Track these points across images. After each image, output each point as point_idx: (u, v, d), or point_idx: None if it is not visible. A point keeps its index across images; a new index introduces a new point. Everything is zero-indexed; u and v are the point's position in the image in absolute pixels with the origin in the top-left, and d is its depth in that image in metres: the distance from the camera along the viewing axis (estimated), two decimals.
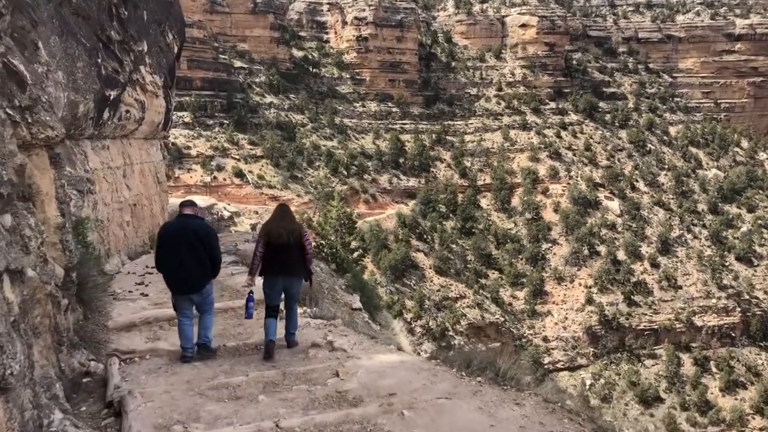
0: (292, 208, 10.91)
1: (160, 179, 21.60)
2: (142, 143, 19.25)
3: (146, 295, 11.60)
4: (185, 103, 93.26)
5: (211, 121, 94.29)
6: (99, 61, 12.18)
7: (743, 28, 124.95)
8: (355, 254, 23.03)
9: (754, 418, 76.62)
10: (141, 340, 9.48)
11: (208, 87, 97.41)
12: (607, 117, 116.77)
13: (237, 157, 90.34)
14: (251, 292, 9.23)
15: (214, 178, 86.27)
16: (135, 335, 9.68)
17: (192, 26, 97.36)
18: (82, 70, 10.82)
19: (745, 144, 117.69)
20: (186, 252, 8.72)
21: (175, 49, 21.14)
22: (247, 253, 16.14)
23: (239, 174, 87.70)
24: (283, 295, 9.32)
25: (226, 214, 77.29)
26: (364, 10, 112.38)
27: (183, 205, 9.22)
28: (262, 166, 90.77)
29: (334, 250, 18.92)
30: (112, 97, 13.65)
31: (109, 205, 15.30)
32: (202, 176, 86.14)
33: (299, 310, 9.95)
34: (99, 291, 9.81)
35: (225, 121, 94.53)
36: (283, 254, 9.02)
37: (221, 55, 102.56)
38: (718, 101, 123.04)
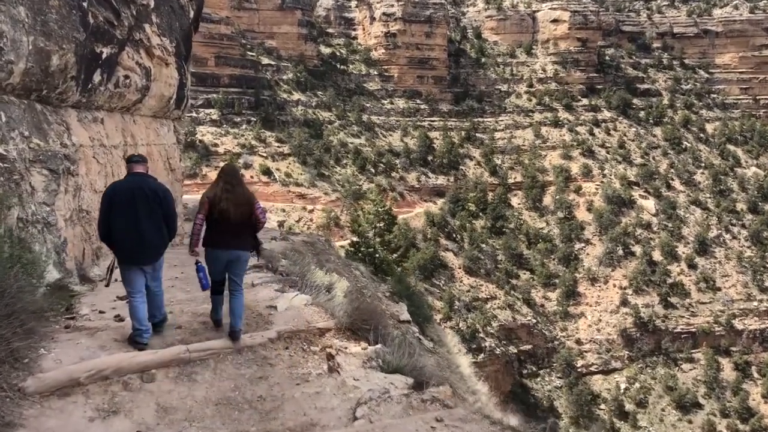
0: (319, 207, 9.33)
1: (172, 166, 18.83)
2: (150, 122, 16.69)
3: (122, 320, 7.83)
4: (213, 100, 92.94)
5: (239, 119, 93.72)
6: (84, 4, 10.07)
7: None
8: (397, 254, 21.16)
9: None
10: (83, 418, 5.54)
11: (236, 84, 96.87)
12: (642, 114, 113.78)
13: (264, 154, 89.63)
14: (197, 261, 7.87)
15: (242, 176, 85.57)
16: (74, 406, 5.70)
17: (219, 23, 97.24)
18: (56, 11, 8.97)
19: None
20: (143, 215, 7.39)
21: (191, 13, 18.43)
22: (273, 255, 14.70)
23: (266, 172, 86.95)
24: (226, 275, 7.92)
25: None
26: (392, 5, 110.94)
27: (133, 161, 7.75)
28: (290, 163, 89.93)
29: (372, 249, 17.25)
30: (104, 56, 11.36)
31: (101, 193, 13.07)
32: None
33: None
34: (35, 318, 6.57)
35: (252, 119, 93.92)
36: (229, 224, 7.70)
37: (249, 52, 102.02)
38: (757, 97, 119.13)
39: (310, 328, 7.59)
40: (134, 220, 7.37)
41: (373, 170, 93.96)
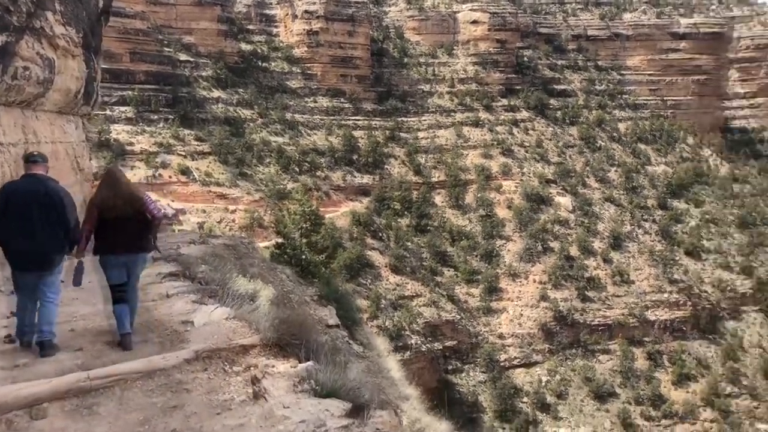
0: (242, 207, 8.85)
1: (81, 165, 17.62)
2: (56, 118, 15.52)
3: (12, 341, 6.95)
4: (128, 97, 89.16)
5: (155, 117, 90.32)
6: None
7: (687, 27, 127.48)
8: (324, 255, 20.54)
9: (705, 410, 77.84)
10: None
11: (152, 81, 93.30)
12: (558, 114, 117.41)
13: (183, 153, 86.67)
14: (80, 261, 7.47)
15: (159, 175, 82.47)
16: None
17: (134, 17, 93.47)
18: None
19: (690, 140, 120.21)
20: (39, 220, 6.87)
21: (100, 3, 17.24)
22: (191, 260, 13.80)
23: (185, 171, 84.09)
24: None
25: (171, 212, 73.82)
26: (314, 3, 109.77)
27: (31, 161, 7.19)
28: (210, 162, 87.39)
29: (298, 251, 16.63)
30: None
31: None
32: (145, 173, 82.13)
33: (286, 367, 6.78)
34: None
35: (170, 117, 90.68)
36: (122, 229, 7.39)
37: (166, 48, 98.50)
38: (665, 98, 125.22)
39: (232, 346, 6.77)
40: (28, 224, 6.79)
41: (297, 169, 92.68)
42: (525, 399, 76.58)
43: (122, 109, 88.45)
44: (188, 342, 7.21)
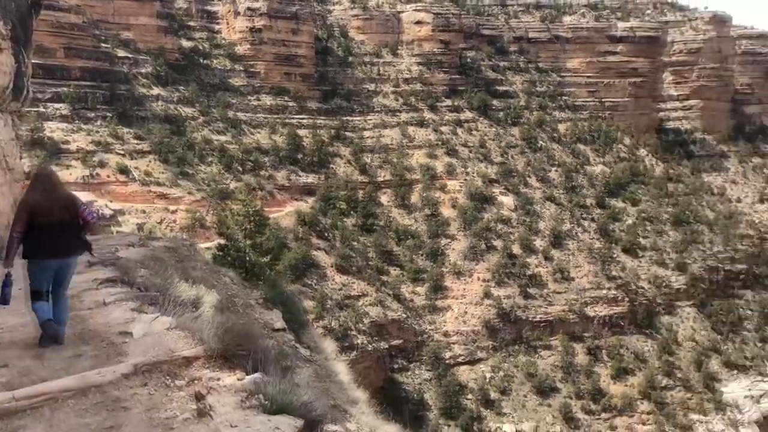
0: (183, 207, 8.51)
1: (10, 164, 16.81)
2: None
3: None
4: (62, 94, 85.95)
5: (92, 114, 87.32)
6: None
7: (624, 30, 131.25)
8: (269, 257, 20.09)
9: (642, 403, 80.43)
10: None
11: (88, 77, 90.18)
12: (500, 114, 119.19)
13: (121, 152, 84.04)
14: (8, 274, 7.13)
15: (96, 174, 79.75)
16: None
17: (69, 11, 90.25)
18: None
19: (627, 141, 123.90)
20: None
21: None
22: (129, 264, 13.19)
23: (124, 170, 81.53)
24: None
25: (108, 213, 71.49)
26: (257, 0, 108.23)
27: None
28: (150, 161, 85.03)
29: (242, 252, 16.20)
30: None
31: None
32: (82, 173, 79.26)
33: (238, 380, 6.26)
34: None
35: (107, 114, 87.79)
36: (56, 232, 7.11)
37: (103, 44, 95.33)
38: (603, 100, 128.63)
39: (174, 358, 6.32)
40: None
41: (240, 168, 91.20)
42: (470, 396, 77.51)
43: (57, 106, 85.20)
44: (126, 355, 6.69)
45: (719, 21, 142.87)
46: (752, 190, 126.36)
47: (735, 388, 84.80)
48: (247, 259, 17.45)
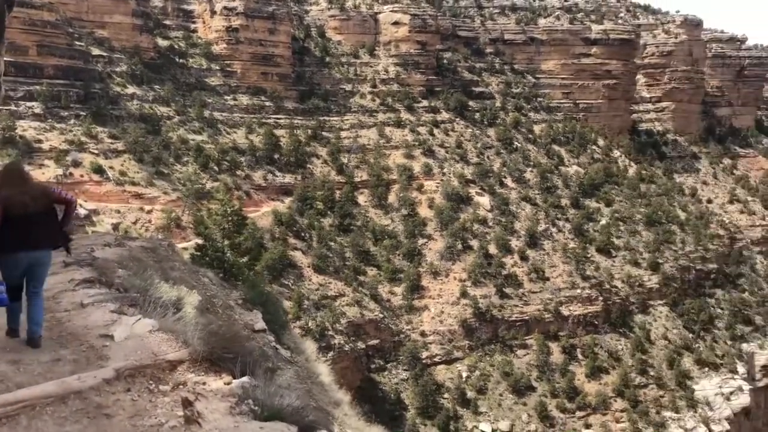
0: (158, 207, 8.51)
1: None
2: None
3: None
4: (35, 92, 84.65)
5: (66, 113, 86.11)
6: None
7: (598, 33, 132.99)
8: (248, 257, 20.08)
9: (616, 401, 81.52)
10: None
11: (62, 75, 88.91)
12: (477, 115, 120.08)
13: (96, 151, 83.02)
14: None
15: (70, 174, 78.67)
16: None
17: (41, 8, 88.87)
18: None
19: (601, 142, 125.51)
20: None
21: None
22: (108, 265, 13.09)
23: (98, 170, 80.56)
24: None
25: (83, 212, 70.63)
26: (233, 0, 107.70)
27: None
28: (125, 161, 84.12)
29: (220, 253, 16.23)
30: None
31: None
32: (55, 172, 78.10)
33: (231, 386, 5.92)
34: None
35: (82, 113, 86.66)
36: (29, 225, 7.03)
37: (77, 42, 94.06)
38: (577, 102, 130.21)
39: (158, 362, 6.17)
40: None
41: (216, 168, 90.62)
42: (446, 395, 77.89)
43: (29, 104, 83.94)
44: (108, 359, 6.41)
45: (691, 24, 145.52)
46: (722, 190, 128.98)
47: (706, 386, 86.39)
48: (226, 259, 17.48)
